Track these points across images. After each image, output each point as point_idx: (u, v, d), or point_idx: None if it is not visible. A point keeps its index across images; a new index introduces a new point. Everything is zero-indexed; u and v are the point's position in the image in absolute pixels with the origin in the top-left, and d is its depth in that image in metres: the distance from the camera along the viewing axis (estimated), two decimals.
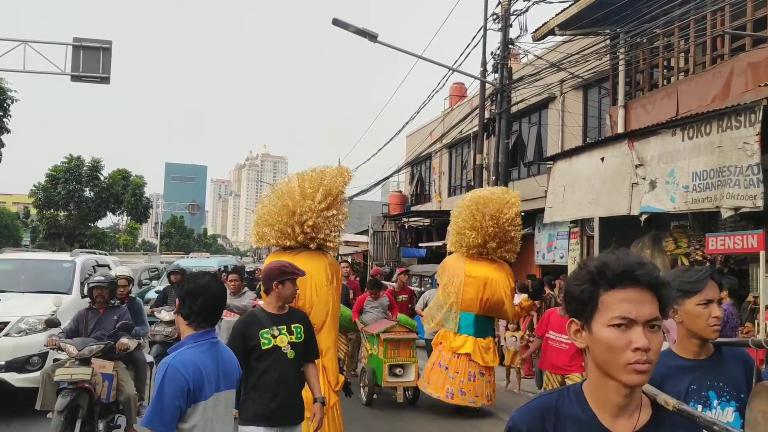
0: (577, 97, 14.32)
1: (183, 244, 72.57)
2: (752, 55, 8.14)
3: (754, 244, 6.74)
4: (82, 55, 16.50)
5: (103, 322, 6.14)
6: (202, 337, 2.69)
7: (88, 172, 34.26)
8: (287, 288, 4.00)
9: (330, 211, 5.85)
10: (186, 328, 2.71)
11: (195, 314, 2.68)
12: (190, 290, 2.70)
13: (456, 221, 8.11)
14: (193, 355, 2.60)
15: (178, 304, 2.72)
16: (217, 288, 2.77)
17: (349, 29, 12.27)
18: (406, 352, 8.29)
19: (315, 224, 5.74)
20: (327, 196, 5.86)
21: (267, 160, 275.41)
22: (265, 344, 3.83)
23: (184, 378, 2.51)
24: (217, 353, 2.74)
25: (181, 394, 2.50)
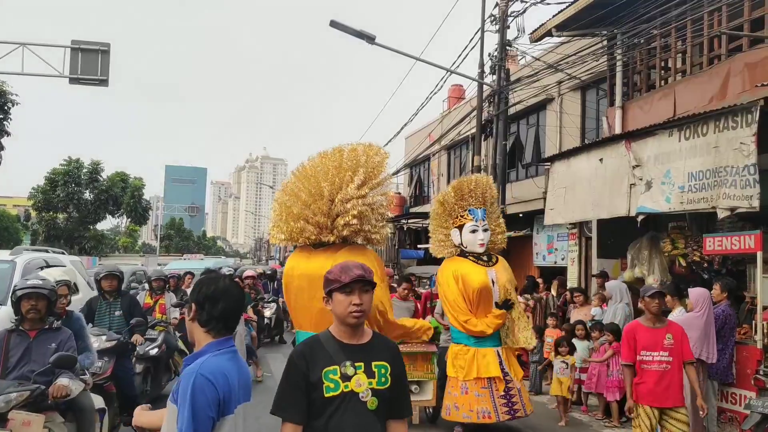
0: (575, 98, 14.32)
1: (182, 246, 72.55)
2: (749, 55, 8.13)
3: (751, 245, 6.72)
4: (80, 57, 16.52)
5: (35, 352, 4.44)
6: (224, 345, 2.48)
7: (88, 174, 34.29)
8: (340, 303, 2.61)
9: (374, 197, 4.95)
10: (204, 336, 2.48)
11: (216, 320, 2.46)
12: (210, 295, 2.48)
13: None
14: (220, 365, 2.40)
15: (195, 310, 2.49)
16: (237, 291, 2.57)
17: (346, 31, 12.26)
18: (424, 367, 7.28)
19: (360, 213, 4.81)
20: (369, 178, 4.94)
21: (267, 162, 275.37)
22: (330, 389, 2.54)
23: (215, 388, 2.32)
24: (238, 363, 2.53)
25: (214, 404, 2.31)
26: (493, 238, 7.00)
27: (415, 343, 7.03)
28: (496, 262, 6.93)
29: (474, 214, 6.76)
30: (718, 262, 8.53)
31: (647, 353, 5.34)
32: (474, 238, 6.71)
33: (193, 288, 2.58)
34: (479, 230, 6.71)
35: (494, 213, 7.22)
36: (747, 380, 6.48)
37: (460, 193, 6.93)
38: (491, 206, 7.08)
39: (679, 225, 9.09)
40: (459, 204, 6.92)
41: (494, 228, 7.04)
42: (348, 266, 2.62)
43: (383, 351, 2.68)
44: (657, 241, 9.09)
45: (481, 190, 6.91)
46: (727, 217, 7.22)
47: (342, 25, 12.25)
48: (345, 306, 2.56)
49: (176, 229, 76.78)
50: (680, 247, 8.67)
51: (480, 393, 6.44)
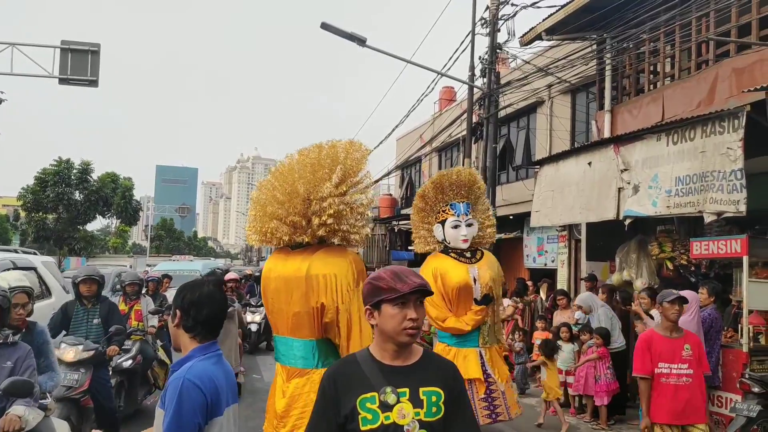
0: (565, 101, 14.37)
1: (173, 247, 72.25)
2: (736, 60, 8.20)
3: (737, 249, 6.77)
4: (70, 58, 16.43)
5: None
6: (209, 350, 2.52)
7: (78, 174, 34.10)
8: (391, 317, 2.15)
9: (353, 195, 4.78)
10: (190, 341, 2.52)
11: (201, 325, 2.51)
12: (195, 300, 2.52)
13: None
14: (207, 369, 2.44)
15: (180, 315, 2.52)
16: (221, 297, 2.62)
17: (337, 33, 12.26)
18: None
19: (337, 212, 4.60)
20: (347, 175, 4.74)
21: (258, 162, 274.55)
22: (367, 421, 2.10)
23: (201, 392, 2.34)
24: (225, 366, 2.58)
25: (201, 409, 2.33)
26: (482, 232, 6.62)
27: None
28: (480, 259, 6.52)
29: (456, 209, 6.38)
30: (706, 266, 8.58)
31: (665, 365, 4.95)
32: (456, 233, 6.36)
33: (176, 293, 2.59)
34: (462, 225, 6.34)
35: (481, 206, 6.80)
36: (733, 383, 6.52)
37: (440, 186, 6.56)
38: (477, 199, 6.69)
39: (666, 229, 9.15)
40: (440, 198, 6.56)
41: (482, 221, 6.65)
42: (403, 273, 2.18)
43: (435, 373, 2.20)
44: (645, 244, 9.14)
45: (463, 182, 6.51)
46: (715, 221, 7.27)
47: (333, 27, 12.25)
48: (398, 321, 2.11)
49: (167, 230, 76.42)
50: (667, 250, 8.73)
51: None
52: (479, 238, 6.63)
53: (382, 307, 2.15)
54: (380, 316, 2.16)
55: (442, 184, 6.55)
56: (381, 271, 2.24)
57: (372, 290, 2.19)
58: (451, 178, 6.54)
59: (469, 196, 6.58)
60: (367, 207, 4.95)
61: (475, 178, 6.67)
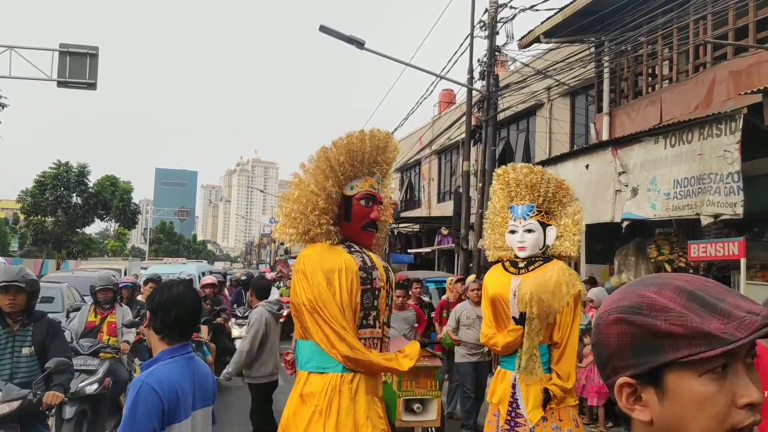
0: (564, 104, 14.40)
1: (172, 250, 72.29)
2: (733, 63, 8.22)
3: (735, 252, 6.78)
4: (68, 61, 16.43)
5: None
6: (177, 352, 2.51)
7: (76, 178, 34.08)
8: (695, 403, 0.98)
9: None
10: (159, 343, 2.53)
11: (169, 328, 2.51)
12: (162, 302, 2.51)
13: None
14: (169, 373, 2.42)
15: (149, 317, 2.54)
16: (191, 298, 2.60)
17: (336, 36, 12.28)
18: (427, 383, 6.49)
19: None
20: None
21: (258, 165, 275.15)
22: None
23: (159, 397, 2.33)
24: (194, 369, 2.56)
25: (156, 415, 2.32)
26: (560, 242, 5.35)
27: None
28: (534, 270, 5.30)
29: (513, 212, 5.46)
30: (704, 269, 8.59)
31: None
32: (512, 240, 5.40)
33: (149, 295, 2.60)
34: (518, 231, 5.33)
35: (560, 210, 5.48)
36: None
37: (505, 183, 5.53)
38: (550, 201, 5.47)
39: (665, 231, 9.16)
40: (504, 198, 5.58)
41: (563, 230, 5.42)
42: (711, 291, 1.03)
43: None
44: (643, 247, 9.15)
45: (520, 180, 5.45)
46: (713, 223, 7.29)
47: (332, 30, 12.26)
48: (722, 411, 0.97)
49: (166, 233, 76.49)
50: (665, 253, 8.74)
51: (491, 420, 5.26)
52: (555, 248, 5.31)
53: (667, 379, 1.01)
54: (665, 398, 1.01)
55: (501, 183, 5.58)
56: (654, 289, 1.04)
57: (640, 335, 1.02)
58: (509, 176, 5.52)
59: (534, 197, 5.43)
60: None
61: (539, 176, 5.39)
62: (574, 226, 5.32)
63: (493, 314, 5.43)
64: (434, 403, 6.47)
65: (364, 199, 3.87)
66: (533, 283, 5.18)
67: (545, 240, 5.15)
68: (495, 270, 5.53)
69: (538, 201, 5.34)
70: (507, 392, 5.19)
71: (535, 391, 5.04)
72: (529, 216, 5.33)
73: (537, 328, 4.94)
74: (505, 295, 5.23)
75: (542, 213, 5.24)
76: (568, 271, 4.97)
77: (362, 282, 3.68)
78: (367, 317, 3.74)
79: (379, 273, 3.81)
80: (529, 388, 5.07)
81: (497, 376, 5.34)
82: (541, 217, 5.28)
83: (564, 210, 5.42)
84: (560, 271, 5.02)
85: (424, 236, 22.84)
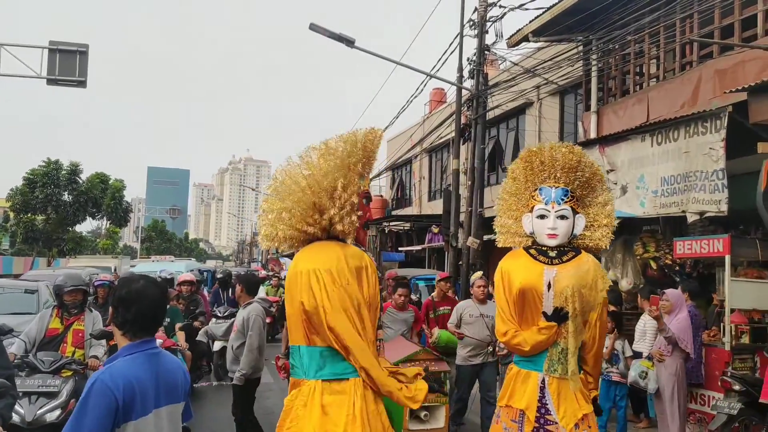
0: (553, 103, 14.46)
1: (164, 249, 72.04)
2: (719, 62, 8.28)
3: (719, 248, 6.84)
4: (58, 58, 16.36)
5: None
6: (139, 348, 2.46)
7: (66, 176, 33.91)
8: None
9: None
10: (121, 338, 2.48)
11: (130, 323, 2.45)
12: (123, 297, 2.47)
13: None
14: (126, 368, 2.37)
15: (112, 312, 2.50)
16: (154, 293, 2.52)
17: (326, 34, 12.27)
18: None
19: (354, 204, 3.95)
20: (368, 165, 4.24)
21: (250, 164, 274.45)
22: None
23: (112, 394, 2.27)
24: (157, 365, 2.49)
25: (108, 412, 2.26)
26: (588, 231, 4.75)
27: (421, 361, 6.01)
28: (569, 261, 4.64)
29: (545, 194, 4.74)
30: (690, 266, 8.65)
31: None
32: (542, 225, 4.68)
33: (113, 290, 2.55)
34: (550, 216, 4.62)
35: (594, 197, 4.86)
36: (715, 382, 6.58)
37: (530, 165, 4.93)
38: (586, 187, 4.82)
39: (651, 229, 9.23)
40: (530, 179, 4.93)
41: (593, 220, 4.75)
42: None
43: None
44: (630, 244, 9.21)
45: (557, 161, 4.78)
46: (698, 221, 7.34)
47: (321, 28, 12.25)
48: None
49: (158, 232, 76.22)
50: (651, 250, 8.79)
51: (508, 427, 4.61)
52: (586, 239, 4.74)
53: None
54: None
55: (532, 163, 4.91)
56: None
57: None
58: (543, 155, 4.86)
59: (569, 181, 4.76)
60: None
61: (578, 158, 4.77)
62: (606, 217, 4.74)
63: (519, 308, 4.64)
64: (442, 410, 6.11)
65: (366, 197, 3.82)
66: (573, 276, 4.47)
67: (573, 229, 4.60)
68: (518, 257, 4.79)
69: (573, 185, 4.71)
70: (534, 396, 4.51)
71: (564, 389, 4.41)
72: (564, 200, 4.65)
73: (581, 327, 4.35)
74: (537, 286, 4.49)
75: (575, 199, 4.64)
76: (599, 265, 4.53)
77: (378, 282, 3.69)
78: (380, 318, 3.72)
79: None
80: (560, 392, 4.42)
81: (516, 377, 4.65)
82: (574, 204, 4.65)
83: (594, 198, 4.82)
84: (595, 264, 4.47)
85: (414, 234, 22.88)
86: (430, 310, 8.28)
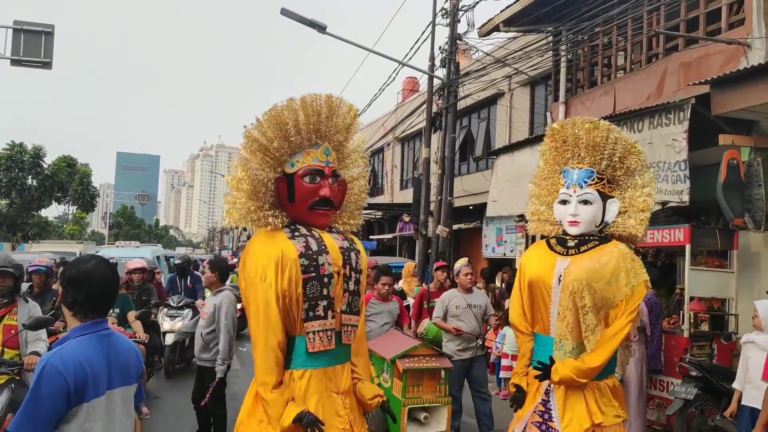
0: (524, 93, 14.56)
1: (133, 235, 71.04)
2: (684, 55, 8.42)
3: (680, 238, 6.98)
4: (22, 38, 15.95)
5: None
6: (89, 329, 2.40)
7: (31, 159, 33.20)
8: None
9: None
10: (72, 319, 2.42)
11: (81, 303, 2.39)
12: (72, 277, 2.40)
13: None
14: (77, 350, 2.32)
15: (62, 292, 2.44)
16: (104, 273, 2.46)
17: (297, 19, 12.18)
18: (434, 388, 5.57)
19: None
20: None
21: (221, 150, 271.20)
22: None
23: (63, 377, 2.22)
24: (109, 346, 2.43)
25: (60, 395, 2.22)
26: (623, 218, 4.07)
27: (421, 356, 5.55)
28: (587, 251, 3.99)
29: (567, 177, 4.11)
30: (652, 255, 8.81)
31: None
32: (563, 212, 4.12)
33: (61, 272, 2.49)
34: (572, 201, 4.04)
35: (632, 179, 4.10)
36: (674, 368, 6.74)
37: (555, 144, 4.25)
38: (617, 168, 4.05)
39: None
40: (556, 161, 4.31)
41: (628, 204, 4.08)
42: None
43: None
44: None
45: (580, 139, 4.06)
46: (661, 211, 7.48)
47: (293, 13, 12.16)
48: None
49: (127, 218, 75.11)
50: None
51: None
52: (616, 226, 4.07)
53: None
54: None
55: (557, 142, 4.25)
56: None
57: None
58: (565, 132, 4.17)
59: (595, 160, 4.07)
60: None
61: (605, 134, 4.01)
62: (643, 200, 4.04)
63: (529, 302, 4.17)
64: (443, 412, 5.58)
65: (308, 175, 3.40)
66: (585, 268, 3.89)
67: (604, 215, 3.97)
68: (537, 247, 4.32)
69: (600, 166, 4.03)
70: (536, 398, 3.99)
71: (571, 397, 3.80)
72: (587, 183, 4.03)
73: (593, 324, 3.74)
74: (546, 279, 3.99)
75: (604, 181, 3.99)
76: (629, 257, 3.81)
77: (304, 270, 3.27)
78: (314, 308, 3.30)
79: (332, 257, 3.36)
80: (567, 398, 3.85)
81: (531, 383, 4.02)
82: (602, 187, 4.00)
83: (631, 179, 4.10)
84: (620, 255, 3.80)
85: (386, 223, 22.93)
86: (425, 300, 8.00)
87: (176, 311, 9.19)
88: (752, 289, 7.20)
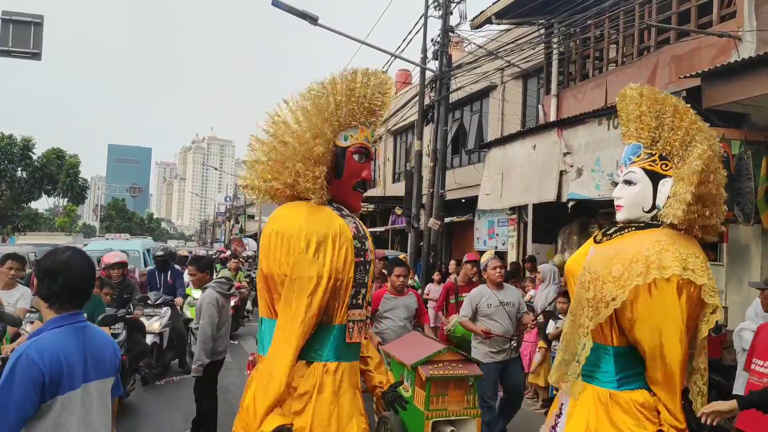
0: (516, 86, 14.53)
1: (125, 228, 70.80)
2: (676, 47, 8.41)
3: None
4: (11, 29, 15.79)
5: None
6: (65, 321, 2.37)
7: (20, 151, 32.93)
8: None
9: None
10: (47, 311, 2.40)
11: (56, 295, 2.37)
12: (48, 268, 2.39)
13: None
14: (52, 342, 2.29)
15: (37, 284, 2.41)
16: (81, 264, 2.43)
17: (289, 11, 12.09)
18: (461, 399, 4.87)
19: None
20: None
21: (214, 143, 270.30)
22: None
23: (39, 368, 2.19)
24: (85, 338, 2.40)
25: (34, 387, 2.18)
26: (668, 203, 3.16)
27: (446, 362, 4.90)
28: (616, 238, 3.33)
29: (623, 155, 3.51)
30: None
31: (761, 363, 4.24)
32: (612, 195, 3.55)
33: (37, 261, 2.47)
34: (620, 182, 3.47)
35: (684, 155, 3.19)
36: None
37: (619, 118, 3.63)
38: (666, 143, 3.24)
39: (607, 211, 9.38)
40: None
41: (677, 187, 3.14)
42: None
43: None
44: (586, 226, 9.38)
45: (626, 109, 3.45)
46: None
47: (284, 4, 12.06)
48: None
49: (118, 210, 74.79)
50: None
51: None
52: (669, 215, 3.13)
53: None
54: None
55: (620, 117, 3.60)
56: None
57: None
58: (621, 104, 3.55)
59: (639, 134, 3.35)
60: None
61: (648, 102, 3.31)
62: (691, 175, 3.08)
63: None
64: (472, 425, 4.90)
65: (358, 153, 3.18)
66: (600, 257, 3.29)
67: (655, 198, 3.23)
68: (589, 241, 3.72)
69: (647, 139, 3.34)
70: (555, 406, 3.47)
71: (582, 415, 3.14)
72: (631, 161, 3.38)
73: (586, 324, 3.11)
74: (575, 271, 3.47)
75: (654, 157, 3.27)
76: (662, 246, 3.01)
77: (356, 253, 3.02)
78: (357, 296, 3.08)
79: (370, 244, 3.19)
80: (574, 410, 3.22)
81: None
82: (650, 164, 3.28)
83: (689, 152, 3.19)
84: (651, 243, 3.03)
85: (379, 216, 22.90)
86: (451, 295, 7.51)
87: (153, 309, 8.32)
88: (742, 281, 7.23)
